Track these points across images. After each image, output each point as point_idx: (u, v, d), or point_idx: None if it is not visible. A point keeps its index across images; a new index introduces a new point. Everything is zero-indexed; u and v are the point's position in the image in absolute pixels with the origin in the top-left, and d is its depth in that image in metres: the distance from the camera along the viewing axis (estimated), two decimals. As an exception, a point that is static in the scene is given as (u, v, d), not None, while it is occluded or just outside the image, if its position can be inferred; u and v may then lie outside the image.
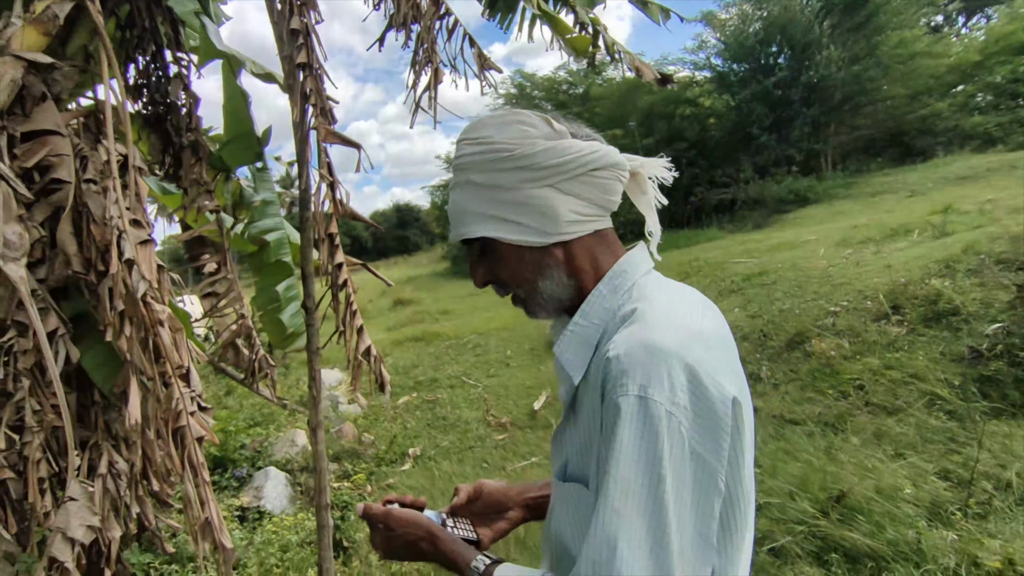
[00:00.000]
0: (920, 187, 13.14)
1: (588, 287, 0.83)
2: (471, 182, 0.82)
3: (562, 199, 0.80)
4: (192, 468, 1.91)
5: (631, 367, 0.67)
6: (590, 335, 0.80)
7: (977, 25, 27.42)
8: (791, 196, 16.09)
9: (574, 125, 0.85)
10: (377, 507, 0.88)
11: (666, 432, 0.64)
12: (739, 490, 0.69)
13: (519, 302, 0.87)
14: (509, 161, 0.79)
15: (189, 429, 1.90)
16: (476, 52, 2.03)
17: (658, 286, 0.82)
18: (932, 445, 3.24)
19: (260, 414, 5.35)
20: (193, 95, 2.29)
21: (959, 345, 4.02)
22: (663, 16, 3.32)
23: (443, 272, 25.59)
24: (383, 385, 2.17)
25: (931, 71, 17.91)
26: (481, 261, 0.87)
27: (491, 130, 0.81)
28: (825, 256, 7.56)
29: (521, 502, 1.02)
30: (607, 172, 0.82)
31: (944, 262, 5.16)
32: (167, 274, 2.11)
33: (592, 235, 0.83)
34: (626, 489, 0.64)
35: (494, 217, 0.81)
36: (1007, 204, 7.68)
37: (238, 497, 3.95)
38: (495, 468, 4.62)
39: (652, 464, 0.64)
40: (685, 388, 0.66)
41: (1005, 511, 2.63)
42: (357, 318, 2.12)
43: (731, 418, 0.67)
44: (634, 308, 0.77)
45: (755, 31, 19.26)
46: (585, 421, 0.77)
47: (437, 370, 7.77)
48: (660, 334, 0.70)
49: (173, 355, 1.90)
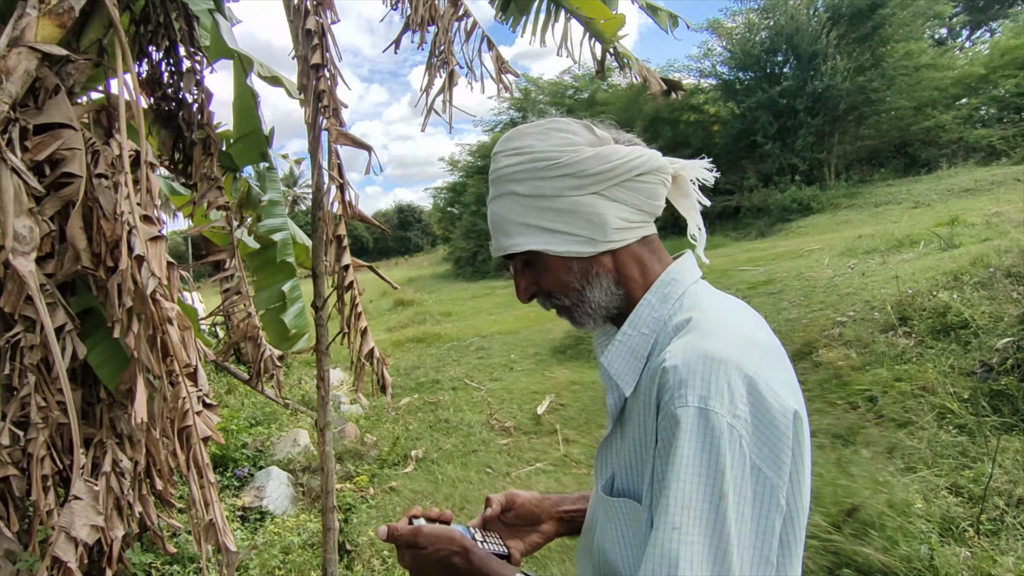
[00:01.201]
0: (925, 198, 13.13)
1: (637, 296, 0.80)
2: (514, 193, 0.80)
3: (609, 206, 0.78)
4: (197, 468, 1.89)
5: (689, 377, 0.64)
6: (640, 345, 0.78)
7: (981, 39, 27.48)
8: (795, 205, 16.10)
9: (613, 131, 0.83)
10: (403, 527, 0.84)
11: (727, 446, 0.61)
12: (798, 506, 0.67)
13: (564, 312, 0.85)
14: (554, 169, 0.77)
15: (195, 429, 1.86)
16: (494, 55, 2.01)
17: (709, 295, 0.80)
18: (943, 459, 3.20)
19: (262, 413, 5.31)
20: (205, 91, 2.27)
21: (969, 359, 3.99)
22: (671, 23, 3.31)
23: (444, 274, 25.60)
24: (385, 387, 2.15)
25: (936, 83, 17.93)
26: (525, 274, 0.84)
27: (533, 139, 0.79)
28: (830, 265, 7.54)
29: (556, 515, 0.99)
30: (652, 176, 0.80)
31: (952, 274, 5.12)
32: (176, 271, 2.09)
33: (639, 242, 0.81)
34: (686, 506, 0.61)
35: (540, 228, 0.79)
36: (1014, 217, 7.66)
37: (239, 497, 3.91)
38: (499, 474, 4.59)
39: (714, 480, 0.61)
40: (745, 400, 0.64)
41: (1017, 528, 2.59)
42: (362, 320, 2.09)
43: (792, 431, 0.65)
44: (688, 317, 0.74)
45: (761, 40, 19.30)
46: (635, 434, 0.75)
47: (439, 372, 7.74)
48: (718, 344, 0.67)
49: (181, 353, 1.87)
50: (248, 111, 2.40)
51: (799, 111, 18.06)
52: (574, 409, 5.82)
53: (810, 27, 17.95)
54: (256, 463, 4.40)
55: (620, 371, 0.78)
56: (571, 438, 5.18)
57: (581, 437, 5.19)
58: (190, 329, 1.96)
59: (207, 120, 2.23)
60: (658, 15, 3.11)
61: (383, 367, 2.03)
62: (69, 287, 2.06)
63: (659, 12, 3.09)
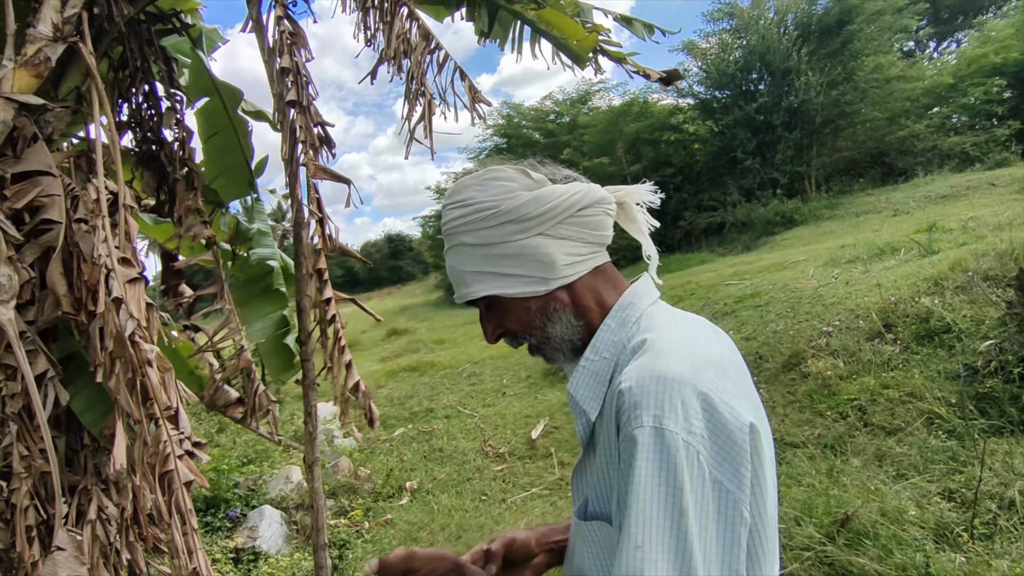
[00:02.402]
0: (903, 206, 13.36)
1: (596, 324, 0.83)
2: (463, 244, 0.83)
3: (555, 244, 0.81)
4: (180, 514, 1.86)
5: (643, 398, 0.66)
6: (602, 370, 0.80)
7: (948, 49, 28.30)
8: (778, 218, 16.30)
9: (550, 169, 0.87)
10: (393, 556, 0.86)
11: (685, 462, 0.63)
12: (763, 518, 0.68)
13: (535, 351, 0.88)
14: (496, 217, 0.80)
15: (177, 473, 1.84)
16: (467, 85, 2.05)
17: (665, 315, 0.83)
18: (934, 465, 3.22)
19: (253, 451, 5.25)
20: (186, 128, 2.29)
21: (953, 363, 4.04)
22: (647, 32, 3.40)
23: (437, 301, 25.55)
24: (372, 420, 2.14)
25: (907, 94, 18.38)
26: (489, 317, 0.87)
27: (472, 191, 0.83)
28: (815, 276, 7.62)
29: (545, 546, 1.00)
30: (593, 209, 0.83)
31: (933, 280, 5.20)
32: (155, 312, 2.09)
33: (592, 273, 0.84)
34: (647, 524, 0.62)
35: (492, 274, 0.82)
36: (989, 221, 7.81)
37: (232, 538, 3.85)
38: (495, 500, 4.54)
39: (673, 497, 0.62)
40: (700, 416, 0.65)
41: (1010, 531, 2.60)
42: (345, 353, 2.09)
43: (749, 444, 0.66)
44: (644, 339, 0.77)
45: (735, 59, 19.74)
46: (603, 455, 0.76)
47: (432, 400, 7.69)
48: (670, 363, 0.69)
49: (161, 396, 1.86)
50: (230, 145, 2.43)
51: (776, 126, 18.41)
52: (568, 431, 5.80)
53: (781, 45, 18.41)
54: (248, 503, 4.33)
55: (585, 396, 0.79)
56: (566, 461, 5.16)
57: (575, 459, 5.16)
58: (171, 370, 1.95)
59: (189, 156, 2.26)
60: (633, 26, 3.19)
61: (369, 400, 2.03)
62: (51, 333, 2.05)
63: (633, 23, 3.17)
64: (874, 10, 17.99)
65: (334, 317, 1.88)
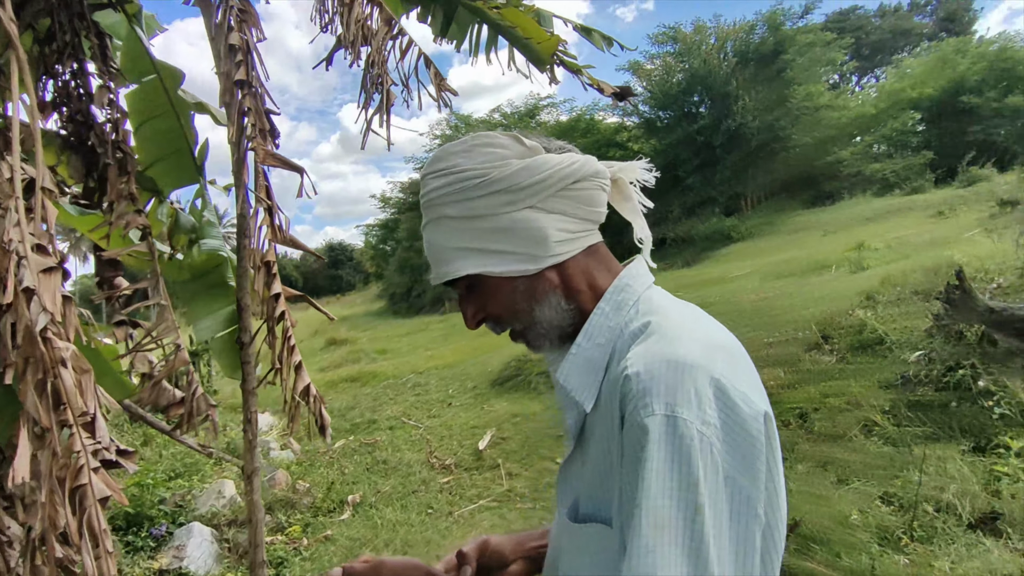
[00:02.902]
0: (832, 226, 14.11)
1: (588, 308, 0.75)
2: (446, 216, 0.74)
3: (547, 218, 0.73)
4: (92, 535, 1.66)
5: (653, 384, 0.59)
6: (597, 357, 0.72)
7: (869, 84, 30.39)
8: (717, 235, 16.94)
9: (543, 139, 0.79)
10: (360, 565, 0.76)
11: (699, 455, 0.56)
12: (776, 516, 0.62)
13: (518, 336, 0.79)
14: (483, 187, 0.72)
15: (91, 488, 1.65)
16: (433, 72, 1.97)
17: (665, 299, 0.76)
18: (873, 471, 3.32)
19: (182, 464, 4.89)
20: (120, 109, 2.10)
21: (887, 372, 4.22)
22: (606, 44, 3.42)
23: (379, 311, 25.06)
24: (323, 428, 1.99)
25: (834, 122, 19.58)
26: (470, 299, 0.78)
27: (458, 158, 0.74)
28: (754, 290, 7.90)
29: (522, 553, 0.91)
30: (588, 182, 0.76)
31: (865, 294, 5.46)
32: (73, 306, 1.88)
33: (584, 252, 0.77)
34: (660, 524, 0.55)
35: (477, 250, 0.73)
36: (911, 241, 8.33)
37: (156, 559, 3.54)
38: (441, 514, 4.40)
39: (687, 492, 0.55)
40: (714, 405, 0.59)
41: (947, 532, 2.69)
42: (295, 354, 1.95)
43: (764, 435, 0.60)
44: (646, 322, 0.70)
45: (678, 81, 20.49)
46: (599, 452, 0.69)
47: (375, 411, 7.45)
48: (681, 347, 0.63)
49: (76, 400, 1.66)
50: (170, 131, 2.24)
51: (716, 147, 19.18)
52: (516, 442, 5.71)
53: (721, 70, 19.25)
54: (175, 520, 4.01)
55: (577, 386, 0.72)
56: (514, 472, 5.07)
57: (524, 470, 5.08)
58: (89, 373, 1.76)
59: (122, 139, 2.06)
60: (592, 36, 3.18)
61: (321, 406, 1.88)
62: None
63: (592, 33, 3.16)
64: (805, 42, 19.11)
65: (283, 314, 1.74)
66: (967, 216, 10.04)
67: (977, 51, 20.16)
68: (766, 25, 19.60)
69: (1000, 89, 18.31)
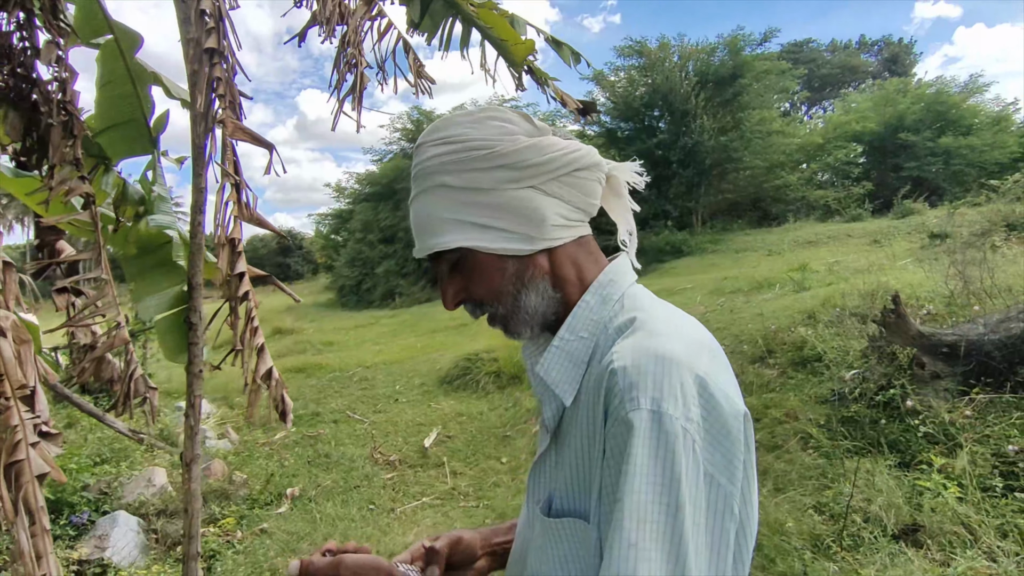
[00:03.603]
0: (776, 247, 14.69)
1: (574, 299, 0.75)
2: (444, 185, 0.72)
3: (547, 201, 0.73)
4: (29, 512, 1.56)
5: (640, 379, 0.60)
6: (580, 351, 0.72)
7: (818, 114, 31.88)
8: (668, 247, 17.35)
9: (551, 126, 0.79)
10: (319, 560, 0.73)
11: (682, 451, 0.57)
12: (749, 515, 0.64)
13: (497, 320, 0.77)
14: (489, 159, 0.71)
15: (28, 463, 1.54)
16: (411, 57, 1.93)
17: (648, 296, 0.78)
18: (808, 481, 3.48)
19: (110, 450, 4.63)
20: (69, 68, 1.97)
21: (823, 388, 4.42)
22: (574, 59, 3.45)
23: (327, 303, 24.47)
24: (284, 413, 1.92)
25: (783, 148, 20.41)
26: (453, 278, 0.76)
27: (465, 128, 0.73)
28: (701, 303, 8.14)
29: (488, 548, 0.91)
30: (589, 173, 0.76)
31: (807, 313, 5.71)
32: (13, 273, 1.76)
33: (575, 242, 0.77)
34: (642, 519, 0.55)
35: (472, 224, 0.72)
36: (850, 266, 8.77)
37: (75, 548, 3.34)
38: (383, 510, 4.33)
39: (670, 489, 0.56)
40: (697, 402, 0.60)
41: (873, 541, 2.84)
42: (258, 336, 1.87)
43: (743, 435, 0.62)
44: (632, 317, 0.70)
45: (640, 95, 20.90)
46: (578, 447, 0.68)
47: (319, 404, 7.27)
48: (668, 343, 0.64)
49: (15, 372, 1.55)
50: (125, 96, 2.12)
51: (672, 162, 19.65)
52: (461, 441, 5.70)
53: (682, 88, 19.75)
54: (99, 508, 3.80)
55: (558, 379, 0.72)
56: (458, 470, 5.05)
57: (468, 469, 5.07)
58: (29, 343, 1.64)
59: (70, 98, 1.93)
60: (562, 50, 3.20)
61: (283, 391, 1.81)
62: None
63: (563, 47, 3.18)
64: (762, 69, 19.85)
65: (247, 294, 1.67)
66: (900, 245, 10.65)
67: (916, 92, 21.43)
68: (727, 49, 20.25)
69: (935, 129, 19.52)
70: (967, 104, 20.57)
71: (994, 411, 3.45)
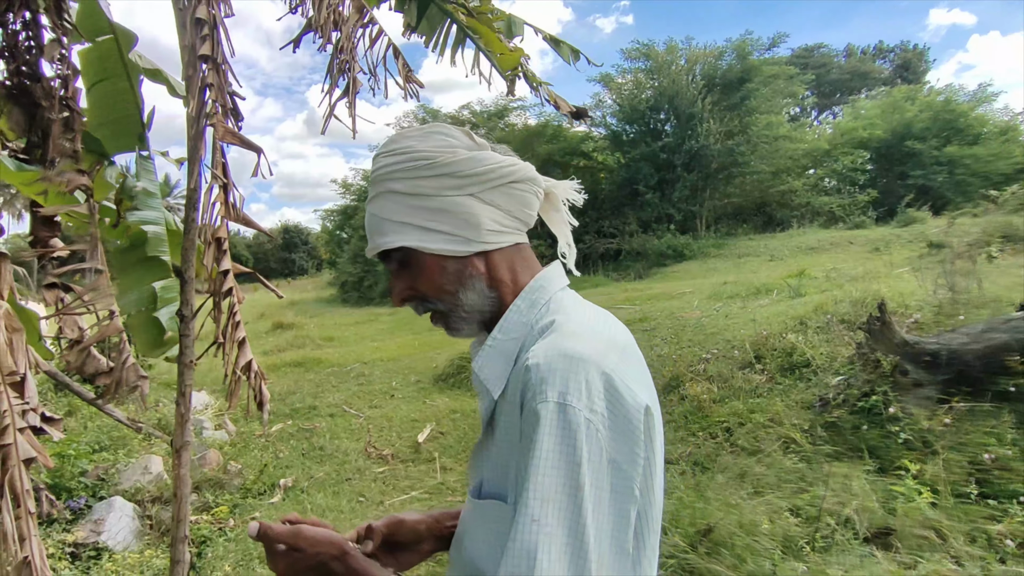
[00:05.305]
0: (779, 253, 14.71)
1: (508, 300, 0.83)
2: (392, 191, 0.81)
3: (484, 208, 0.81)
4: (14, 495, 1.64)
5: (550, 375, 0.67)
6: (509, 349, 0.80)
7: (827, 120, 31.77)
8: (670, 251, 17.38)
9: (490, 143, 0.88)
10: (278, 526, 0.80)
11: (584, 439, 0.64)
12: (650, 497, 0.71)
13: (440, 318, 0.86)
14: (432, 168, 0.80)
15: (15, 448, 1.63)
16: (401, 63, 2.01)
17: (573, 301, 0.85)
18: (786, 484, 3.53)
19: (108, 438, 4.74)
20: (71, 66, 2.06)
21: (809, 394, 4.47)
22: (573, 57, 3.52)
23: (329, 298, 24.60)
24: (262, 404, 2.01)
25: (790, 153, 20.38)
26: (400, 275, 0.85)
27: (413, 140, 0.82)
28: (699, 307, 8.18)
29: (435, 531, 0.98)
30: (525, 185, 0.84)
31: (799, 319, 5.76)
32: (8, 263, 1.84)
33: (511, 248, 0.85)
34: (545, 498, 0.63)
35: (415, 226, 0.80)
36: (847, 273, 8.80)
37: (71, 532, 3.44)
38: (372, 503, 4.42)
39: (571, 471, 0.63)
40: (602, 396, 0.67)
41: (845, 544, 2.90)
42: (240, 330, 1.96)
43: (643, 425, 0.69)
44: (552, 320, 0.78)
45: (647, 98, 20.92)
46: (503, 436, 0.76)
47: (317, 398, 7.36)
48: (578, 343, 0.71)
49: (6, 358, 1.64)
50: (121, 92, 2.21)
51: (677, 166, 19.68)
52: (453, 437, 5.77)
53: (689, 91, 19.76)
54: (96, 493, 3.90)
55: (490, 375, 0.79)
56: (449, 466, 5.12)
57: (459, 465, 5.15)
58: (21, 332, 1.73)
59: (71, 96, 2.02)
60: (561, 48, 3.26)
61: (262, 382, 1.90)
62: None
63: (561, 45, 3.25)
64: (770, 73, 19.83)
65: (231, 290, 1.75)
66: (900, 254, 10.67)
67: (925, 100, 21.38)
68: (735, 53, 20.26)
69: (941, 138, 19.48)
70: (975, 113, 20.51)
71: (972, 419, 3.50)
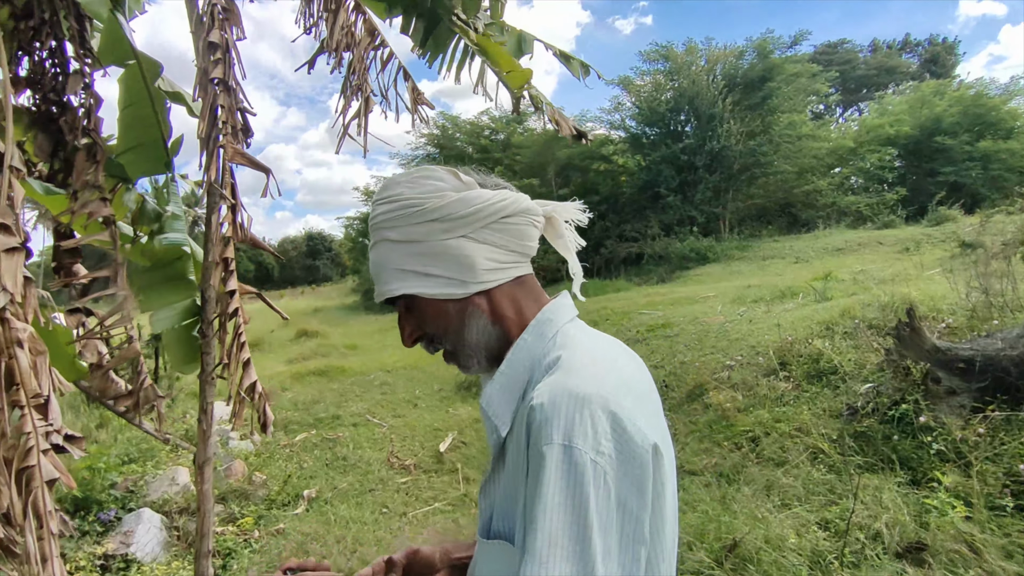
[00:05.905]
0: (804, 255, 14.43)
1: (514, 335, 0.82)
2: (387, 239, 0.82)
3: (477, 248, 0.80)
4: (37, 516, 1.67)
5: (554, 415, 0.66)
6: (515, 384, 0.79)
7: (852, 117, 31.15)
8: (693, 254, 17.17)
9: (483, 176, 0.87)
10: None
11: (591, 481, 0.63)
12: (661, 538, 0.69)
13: (450, 357, 0.86)
14: (421, 215, 0.80)
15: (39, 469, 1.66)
16: (410, 86, 2.02)
17: (581, 334, 0.83)
18: (814, 496, 3.44)
19: (137, 450, 4.84)
20: (94, 95, 2.11)
21: (837, 402, 4.36)
22: (583, 72, 3.50)
23: (352, 305, 24.85)
24: (265, 425, 2.02)
25: (814, 152, 20.02)
26: (408, 318, 0.86)
27: (402, 188, 0.82)
28: (722, 312, 8.06)
29: (449, 562, 0.97)
30: (519, 218, 0.83)
31: (825, 324, 5.63)
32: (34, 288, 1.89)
33: (513, 282, 0.84)
34: (552, 540, 0.61)
35: (413, 272, 0.81)
36: (875, 275, 8.59)
37: (101, 544, 3.51)
38: (395, 514, 4.43)
39: (578, 514, 0.62)
40: (609, 435, 0.65)
41: (875, 559, 2.81)
42: (244, 351, 1.98)
43: (652, 464, 0.67)
44: (558, 356, 0.76)
45: (666, 99, 20.77)
46: (510, 473, 0.75)
47: (340, 407, 7.43)
48: (583, 381, 0.69)
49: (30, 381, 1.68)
50: (145, 119, 2.25)
51: (698, 167, 19.47)
52: (476, 448, 5.76)
53: (709, 92, 19.56)
54: (125, 505, 3.98)
55: (497, 411, 0.79)
56: (471, 477, 5.11)
57: (481, 476, 5.13)
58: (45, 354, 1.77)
59: (94, 126, 2.07)
60: (571, 64, 3.25)
61: (265, 403, 1.91)
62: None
63: (571, 61, 3.23)
64: (792, 72, 19.53)
65: (236, 311, 1.77)
66: (931, 254, 10.38)
67: (955, 95, 20.81)
68: (756, 52, 20.00)
69: (973, 133, 18.94)
70: (1008, 107, 19.91)
71: (1008, 429, 3.37)
